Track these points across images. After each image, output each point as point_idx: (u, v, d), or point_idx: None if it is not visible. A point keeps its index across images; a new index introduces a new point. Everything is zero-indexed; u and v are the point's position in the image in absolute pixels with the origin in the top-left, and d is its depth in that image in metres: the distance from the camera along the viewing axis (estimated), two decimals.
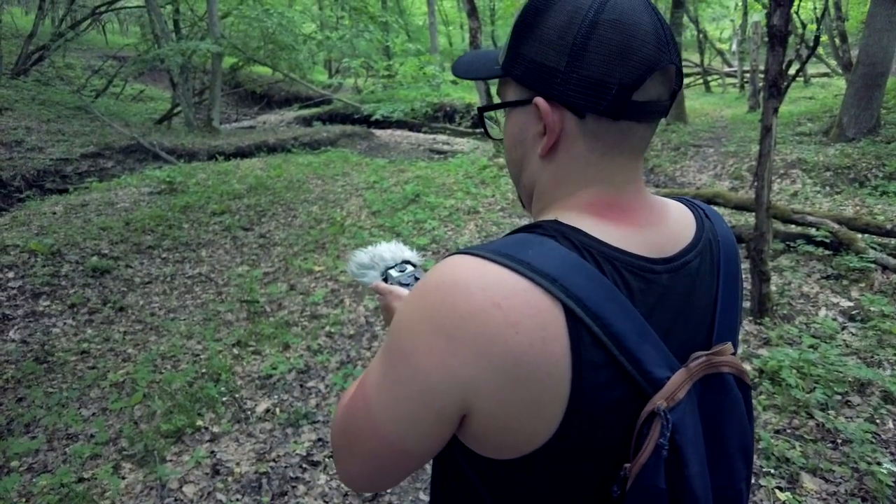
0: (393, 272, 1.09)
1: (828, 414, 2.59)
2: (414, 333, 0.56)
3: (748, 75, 12.65)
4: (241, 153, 10.90)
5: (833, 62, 13.94)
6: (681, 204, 0.72)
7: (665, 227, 0.65)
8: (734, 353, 0.65)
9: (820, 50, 14.01)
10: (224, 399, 3.21)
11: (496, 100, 0.73)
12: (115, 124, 11.39)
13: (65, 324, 4.48)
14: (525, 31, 0.62)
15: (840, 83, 13.08)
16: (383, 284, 1.04)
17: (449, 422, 0.57)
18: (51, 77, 14.09)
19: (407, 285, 1.04)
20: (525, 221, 6.18)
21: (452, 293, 0.54)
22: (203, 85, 15.37)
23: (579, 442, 0.55)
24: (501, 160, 8.37)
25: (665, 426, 0.54)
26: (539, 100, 0.60)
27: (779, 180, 6.59)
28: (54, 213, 6.41)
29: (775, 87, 3.21)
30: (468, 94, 16.20)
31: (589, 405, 0.53)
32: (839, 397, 2.71)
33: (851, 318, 3.49)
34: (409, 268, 1.11)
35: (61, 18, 14.97)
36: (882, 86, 7.31)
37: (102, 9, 14.54)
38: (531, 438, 0.55)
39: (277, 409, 3.09)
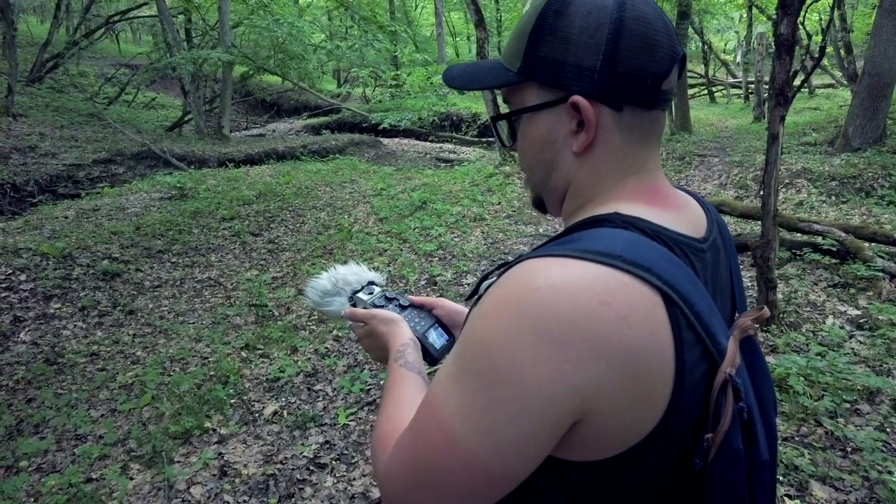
0: (361, 295, 1.04)
1: (837, 422, 2.58)
2: (512, 348, 0.53)
3: (753, 86, 12.67)
4: (251, 160, 10.99)
5: (838, 73, 13.95)
6: (681, 191, 0.77)
7: (691, 209, 0.70)
8: None
9: (825, 61, 14.01)
10: (232, 401, 3.23)
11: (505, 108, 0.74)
12: (127, 131, 11.53)
13: (75, 326, 4.52)
14: (544, 35, 0.64)
15: (845, 94, 13.08)
16: (361, 310, 0.99)
17: (560, 433, 0.54)
18: (65, 84, 14.29)
19: (381, 307, 1.00)
20: (530, 228, 6.21)
21: (554, 297, 0.52)
22: (213, 93, 15.54)
23: (676, 424, 0.56)
24: (507, 168, 8.41)
25: (740, 391, 0.56)
26: (579, 98, 0.62)
27: (784, 189, 6.59)
28: (66, 218, 6.48)
29: (782, 96, 3.23)
30: (474, 105, 16.29)
31: (686, 386, 0.55)
32: (848, 405, 2.70)
33: (859, 327, 3.48)
34: (376, 289, 1.06)
35: (76, 27, 15.21)
36: (888, 96, 7.30)
37: (116, 18, 14.76)
38: (638, 431, 0.55)
39: (285, 412, 3.11)
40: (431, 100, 14.10)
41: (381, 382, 3.36)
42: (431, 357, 0.93)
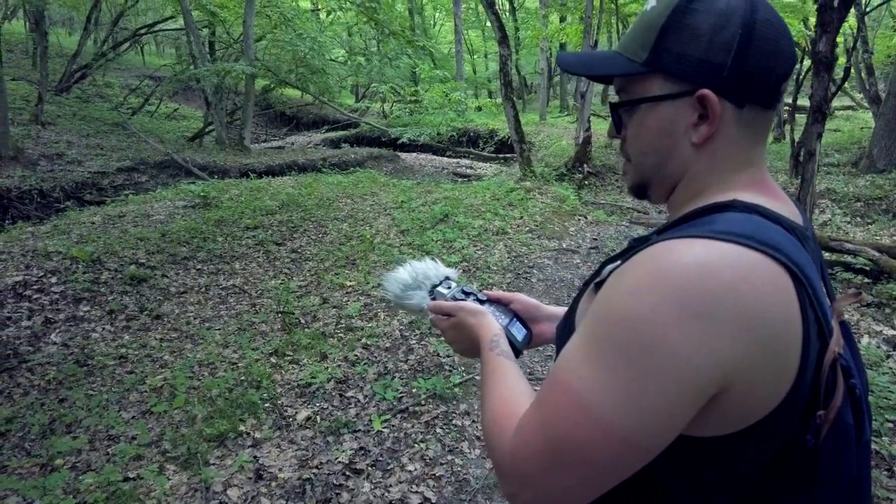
0: (441, 289, 1.06)
1: (881, 440, 2.54)
2: (661, 323, 0.54)
3: None
4: (272, 172, 11.12)
5: (858, 95, 13.91)
6: None
7: (790, 202, 0.73)
8: None
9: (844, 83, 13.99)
10: (265, 405, 3.23)
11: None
12: (150, 140, 11.72)
13: (103, 329, 4.56)
14: (675, 30, 0.66)
15: (865, 116, 13.03)
16: (447, 303, 1.00)
17: (700, 405, 0.56)
18: (91, 94, 14.59)
19: (461, 300, 1.01)
20: (553, 243, 6.19)
21: (697, 274, 0.55)
22: (235, 105, 15.79)
23: (795, 400, 0.58)
24: (528, 184, 8.43)
25: (849, 369, 0.59)
26: (708, 92, 0.65)
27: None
28: (93, 223, 6.57)
29: (820, 113, 3.23)
30: (492, 121, 16.41)
31: (808, 360, 0.57)
32: (891, 424, 2.66)
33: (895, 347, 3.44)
34: (453, 284, 1.08)
35: (104, 39, 15.55)
36: None
37: (143, 31, 15.08)
38: (766, 406, 0.57)
39: (318, 417, 3.10)
40: (449, 116, 14.23)
41: (415, 390, 3.35)
42: (515, 349, 0.94)
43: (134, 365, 4.06)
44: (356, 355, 3.82)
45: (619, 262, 0.67)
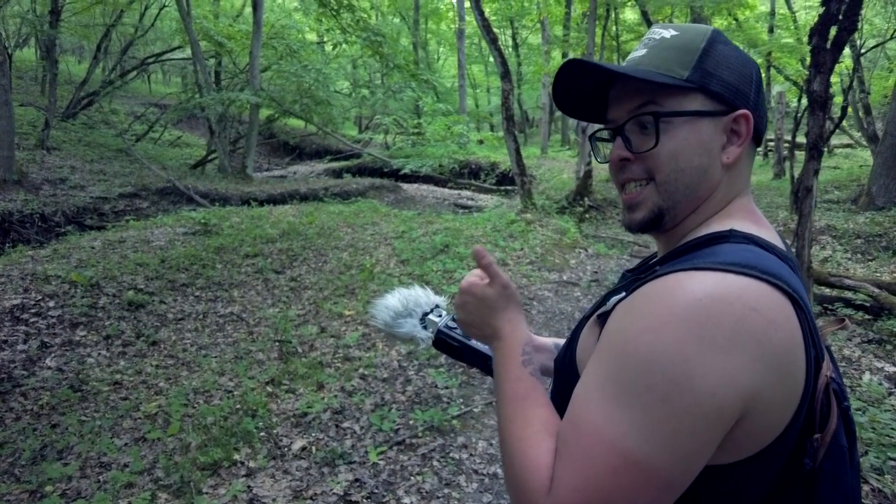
0: (432, 317, 1.04)
1: (884, 478, 2.50)
2: (683, 359, 0.54)
3: (772, 143, 12.83)
4: (273, 200, 11.19)
5: (856, 133, 14.14)
6: None
7: (773, 229, 0.75)
8: None
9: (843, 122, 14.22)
10: (260, 434, 3.18)
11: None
12: (153, 167, 11.83)
13: (99, 354, 4.52)
14: (711, 55, 0.71)
15: (863, 154, 13.20)
16: (495, 266, 0.82)
17: (723, 435, 0.56)
18: (97, 121, 14.79)
19: (452, 329, 1.00)
20: (554, 275, 6.20)
21: (712, 307, 0.55)
22: (238, 134, 15.98)
23: (798, 424, 0.59)
24: (529, 216, 8.48)
25: (841, 392, 0.61)
26: (748, 112, 0.71)
27: None
28: (93, 248, 6.57)
29: (816, 150, 3.28)
30: (493, 153, 16.59)
31: (810, 385, 0.59)
32: (894, 462, 2.62)
33: None
34: (443, 312, 1.06)
35: (112, 67, 15.84)
36: None
37: (151, 60, 15.37)
38: (775, 430, 0.58)
39: (314, 448, 3.05)
40: (451, 148, 14.40)
41: (412, 422, 3.31)
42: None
43: (129, 391, 4.01)
44: (353, 385, 3.78)
45: (623, 293, 0.67)
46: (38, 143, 10.92)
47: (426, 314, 1.05)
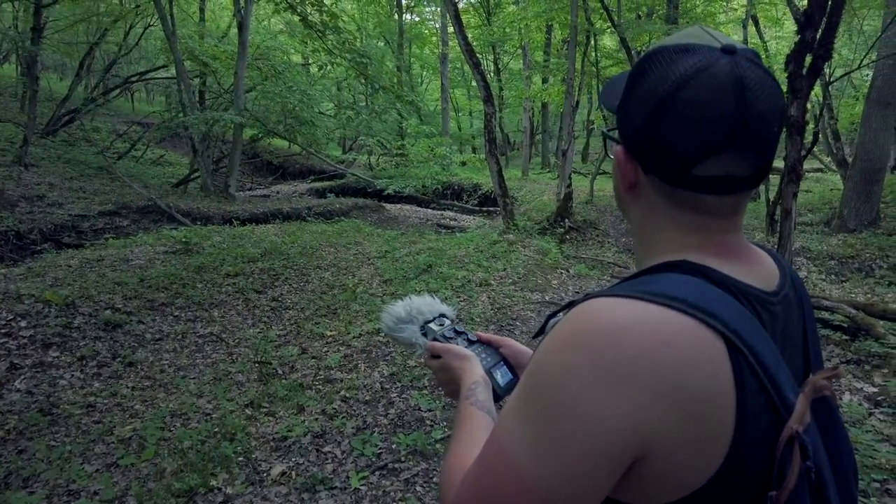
0: (432, 325, 1.06)
1: (869, 501, 2.51)
2: (576, 384, 0.54)
3: None
4: (256, 219, 11.11)
5: (826, 158, 14.56)
6: (756, 247, 0.77)
7: (764, 264, 0.70)
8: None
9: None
10: (239, 459, 3.10)
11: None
12: (135, 185, 11.68)
13: (72, 376, 4.39)
14: (631, 84, 0.66)
15: (834, 178, 13.57)
16: (439, 343, 0.99)
17: (621, 470, 0.55)
18: (77, 138, 14.61)
19: (450, 339, 1.02)
20: (536, 295, 6.21)
21: (617, 336, 0.54)
22: (222, 153, 15.90)
23: (737, 474, 0.55)
24: (511, 236, 8.52)
25: (807, 450, 0.55)
26: (619, 149, 0.69)
27: None
28: (70, 266, 6.44)
29: (794, 173, 3.35)
30: (475, 175, 16.72)
31: (748, 435, 0.54)
32: (878, 484, 2.63)
33: (877, 404, 3.44)
34: (447, 321, 1.08)
35: (95, 85, 15.72)
36: (880, 181, 7.60)
37: (135, 79, 15.29)
38: (697, 477, 0.54)
39: (293, 473, 2.98)
40: (434, 169, 14.49)
41: (395, 446, 3.25)
42: (496, 394, 0.94)
43: (102, 414, 3.89)
44: (335, 408, 3.72)
45: (560, 315, 0.66)
46: (15, 160, 10.74)
47: (427, 322, 1.07)
